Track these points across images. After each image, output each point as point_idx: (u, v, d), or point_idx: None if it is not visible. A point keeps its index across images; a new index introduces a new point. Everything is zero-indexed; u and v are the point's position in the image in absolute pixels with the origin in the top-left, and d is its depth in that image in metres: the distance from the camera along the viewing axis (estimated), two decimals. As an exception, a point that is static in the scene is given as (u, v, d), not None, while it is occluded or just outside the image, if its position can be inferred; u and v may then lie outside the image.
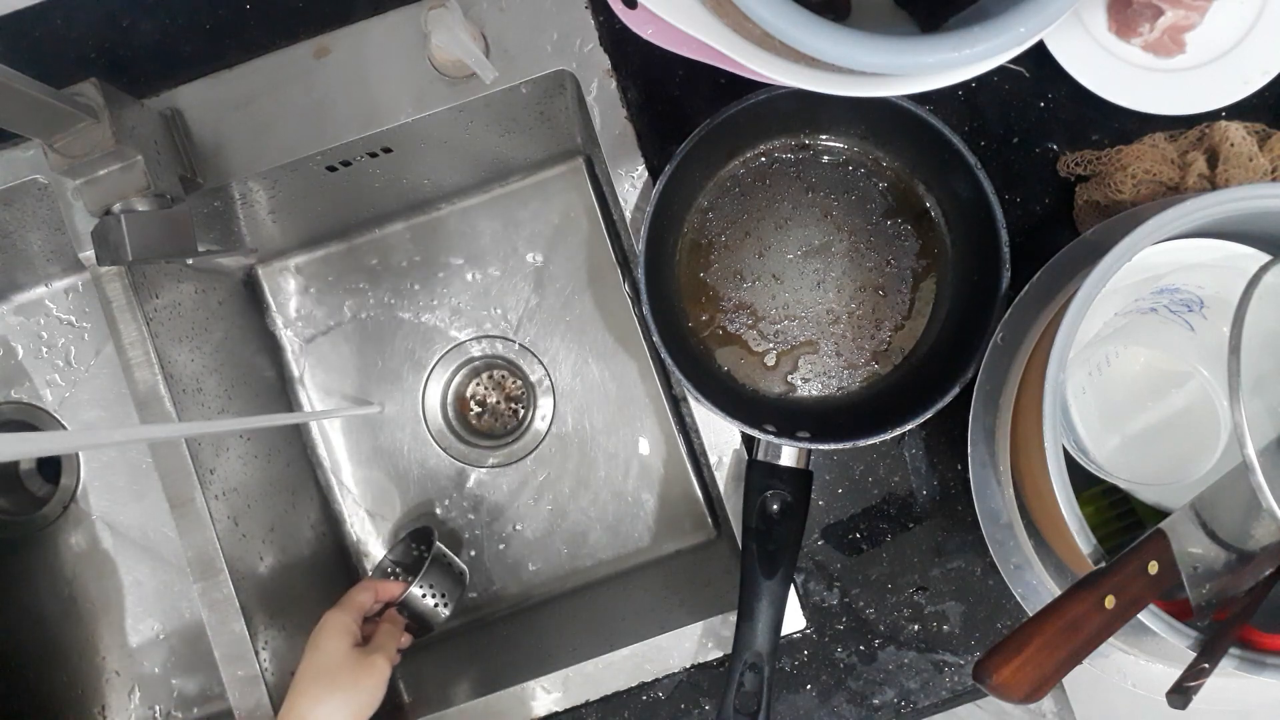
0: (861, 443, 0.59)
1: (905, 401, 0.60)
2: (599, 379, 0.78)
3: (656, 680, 0.64)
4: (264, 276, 0.79)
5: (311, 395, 0.79)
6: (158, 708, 0.77)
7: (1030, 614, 0.48)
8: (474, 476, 0.79)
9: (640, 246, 0.60)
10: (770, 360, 0.66)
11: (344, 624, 0.58)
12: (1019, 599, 0.57)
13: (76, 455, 0.79)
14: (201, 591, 0.62)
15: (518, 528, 0.78)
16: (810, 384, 0.66)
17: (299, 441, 0.78)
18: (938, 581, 0.65)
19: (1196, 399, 0.54)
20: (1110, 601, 0.44)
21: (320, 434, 0.79)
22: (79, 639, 0.78)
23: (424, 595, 0.65)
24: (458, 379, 0.80)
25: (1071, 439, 0.55)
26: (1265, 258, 0.51)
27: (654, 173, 0.64)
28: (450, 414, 0.79)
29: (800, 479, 0.61)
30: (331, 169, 0.67)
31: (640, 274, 0.60)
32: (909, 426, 0.58)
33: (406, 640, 0.64)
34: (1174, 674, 0.45)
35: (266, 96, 0.64)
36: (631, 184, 0.64)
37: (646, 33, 0.47)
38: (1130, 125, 0.63)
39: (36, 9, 0.67)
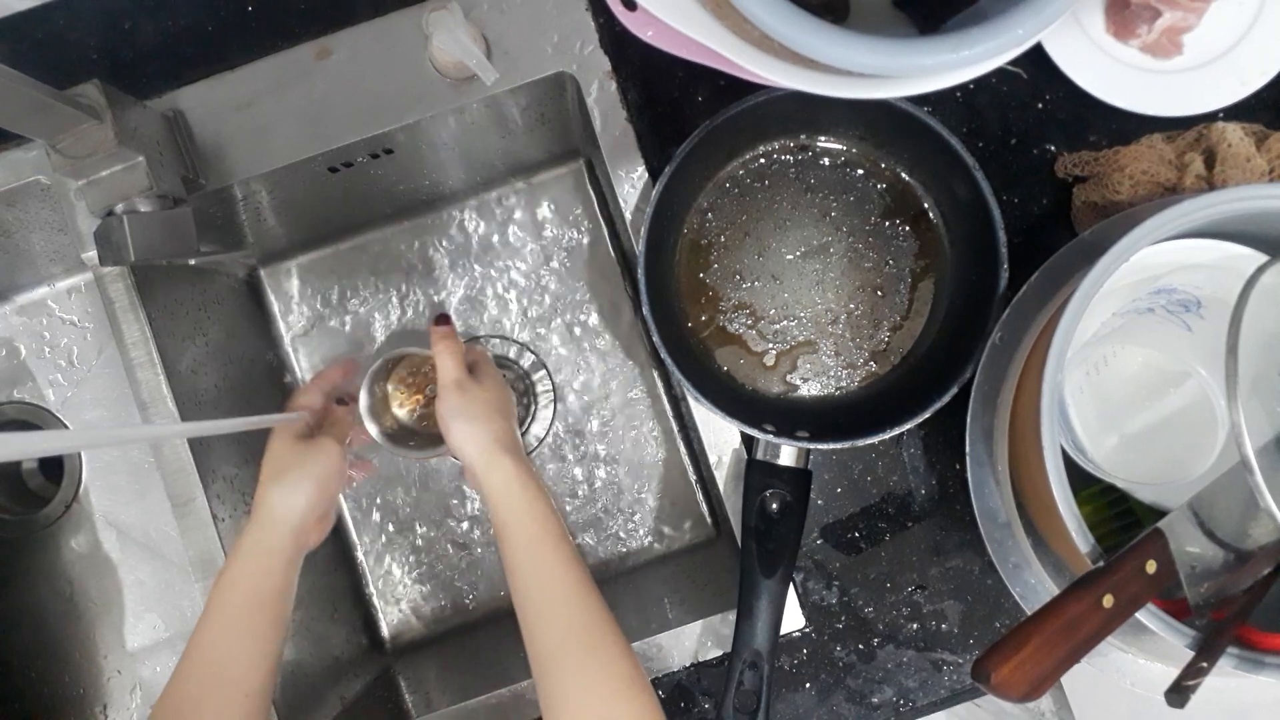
0: (860, 442, 0.60)
1: (904, 401, 0.60)
2: (599, 379, 0.79)
3: (657, 679, 0.64)
4: (266, 277, 0.79)
5: (313, 395, 0.79)
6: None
7: (1029, 613, 0.48)
8: (474, 476, 0.79)
9: (640, 247, 0.60)
10: (769, 360, 0.66)
11: (282, 431, 0.59)
12: (1017, 598, 0.57)
13: (79, 455, 0.79)
14: (204, 591, 0.63)
15: (518, 527, 0.78)
16: (809, 384, 0.66)
17: (300, 441, 0.78)
18: (936, 580, 0.65)
19: (1194, 399, 0.55)
20: (1109, 600, 0.44)
21: (321, 434, 0.79)
22: (80, 638, 0.78)
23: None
24: (458, 379, 0.80)
25: (1069, 438, 0.55)
26: (1262, 258, 0.51)
27: (654, 174, 0.64)
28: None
29: (799, 478, 0.61)
30: (333, 170, 0.67)
31: (640, 274, 0.60)
32: (907, 426, 0.58)
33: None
34: (1172, 673, 0.46)
35: (268, 98, 0.64)
36: (631, 185, 0.65)
37: (646, 35, 0.47)
38: (1128, 126, 0.64)
39: (39, 11, 0.67)
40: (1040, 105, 0.65)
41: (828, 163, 0.66)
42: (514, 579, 0.54)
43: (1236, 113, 0.63)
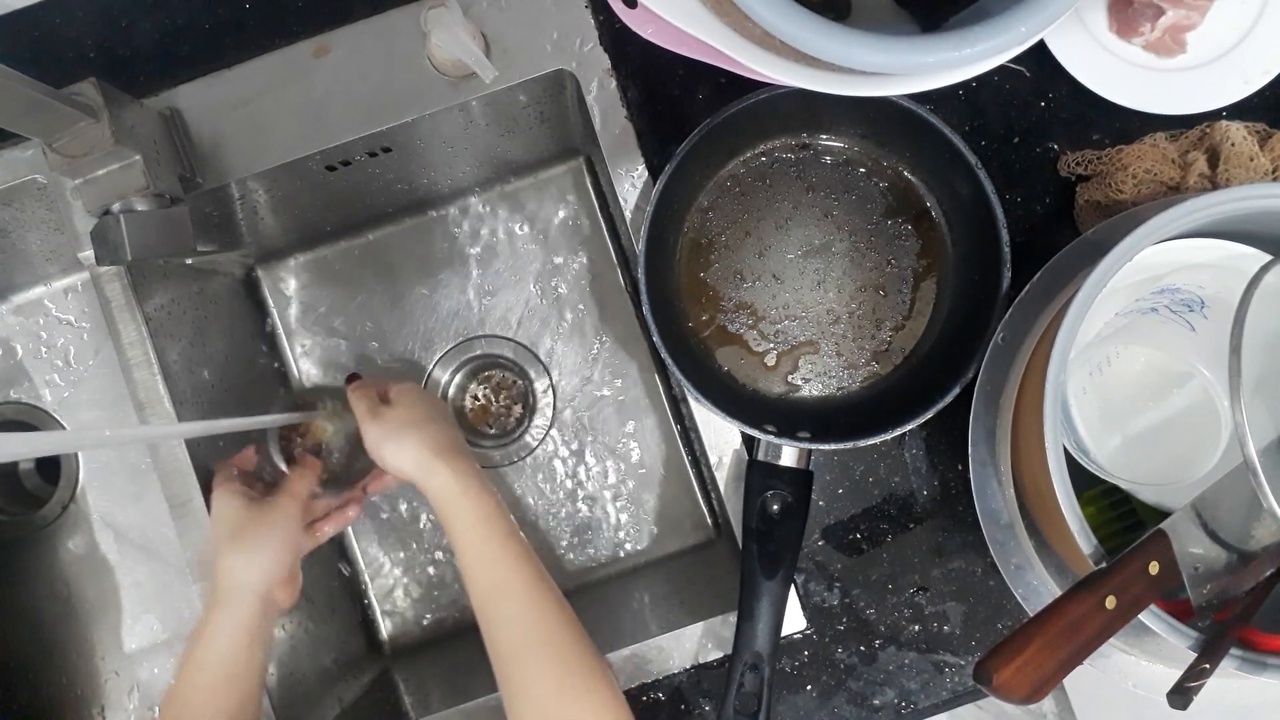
0: (862, 443, 0.59)
1: (906, 401, 0.60)
2: (599, 379, 0.78)
3: (657, 681, 0.64)
4: (263, 276, 0.79)
5: (311, 395, 0.79)
6: (157, 709, 0.77)
7: (1031, 614, 0.48)
8: (474, 477, 0.78)
9: (640, 246, 0.60)
10: (770, 360, 0.66)
11: (226, 490, 0.59)
12: (1020, 599, 0.57)
13: (75, 455, 0.79)
14: (202, 592, 0.62)
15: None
16: (811, 384, 0.66)
17: (298, 442, 0.78)
18: (938, 582, 0.65)
19: (1197, 399, 0.54)
20: (1111, 602, 0.44)
21: (320, 434, 0.79)
22: (78, 640, 0.78)
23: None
24: (458, 379, 0.79)
25: (1072, 439, 0.55)
26: (1266, 258, 0.51)
27: (654, 172, 0.64)
28: (450, 413, 0.79)
29: (800, 479, 0.60)
30: (331, 169, 0.67)
31: (640, 274, 0.60)
32: (909, 427, 0.58)
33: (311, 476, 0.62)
34: (1175, 675, 0.45)
35: (266, 96, 0.64)
36: (632, 184, 0.64)
37: (646, 32, 0.47)
38: (1131, 125, 0.63)
39: (36, 8, 0.67)
40: (1043, 103, 0.65)
41: (829, 161, 0.66)
42: (467, 581, 0.55)
43: (1240, 111, 0.62)
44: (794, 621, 0.63)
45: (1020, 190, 0.65)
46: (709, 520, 0.78)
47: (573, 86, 0.65)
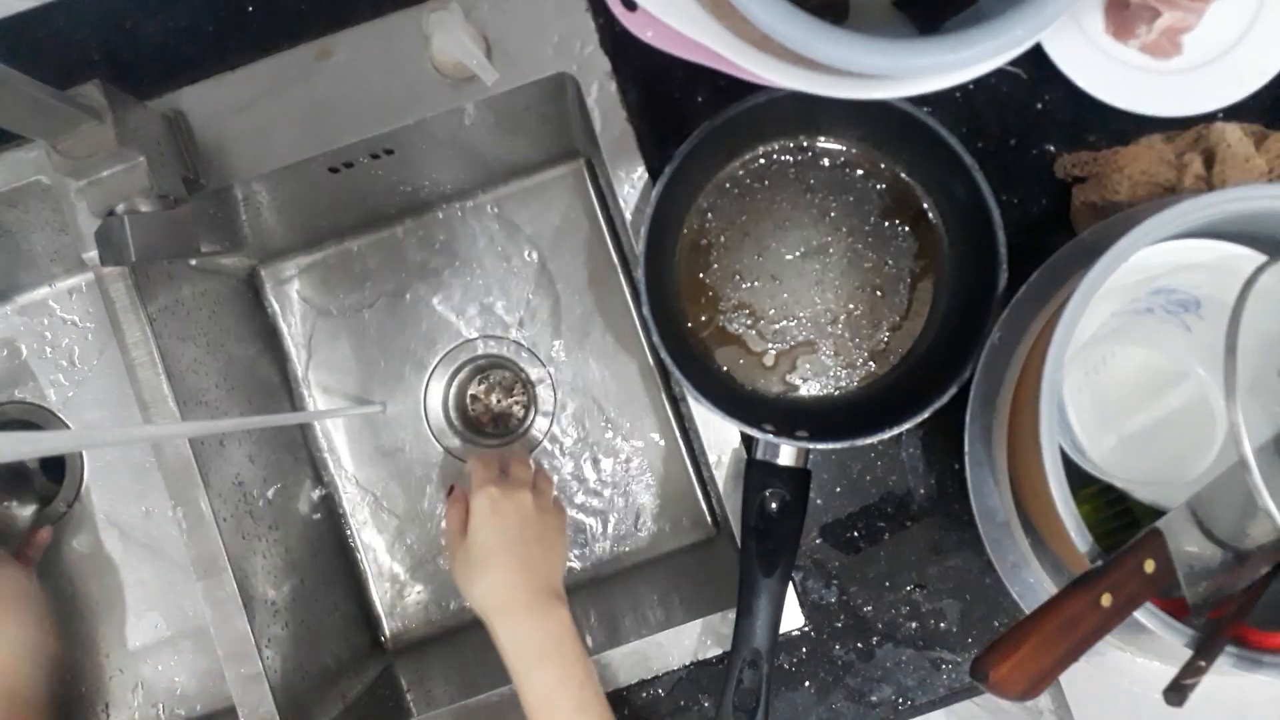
0: (859, 442, 0.60)
1: (903, 401, 0.60)
2: (599, 379, 0.79)
3: (656, 677, 0.64)
4: (266, 277, 0.79)
5: (314, 395, 0.79)
6: (161, 706, 0.78)
7: (1027, 612, 0.49)
8: (475, 476, 0.79)
9: (640, 247, 0.60)
10: (769, 360, 0.66)
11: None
12: (1016, 597, 0.57)
13: (80, 455, 0.79)
14: (205, 590, 0.63)
15: (518, 527, 0.78)
16: (809, 384, 0.66)
17: (302, 441, 0.78)
18: (935, 580, 0.65)
19: (1193, 399, 0.55)
20: (1107, 600, 0.44)
21: (323, 433, 0.79)
22: (82, 637, 0.78)
23: None
24: (459, 379, 0.80)
25: (1068, 438, 0.55)
26: (1261, 258, 0.51)
27: (654, 174, 0.64)
28: (452, 413, 0.80)
29: (799, 478, 0.61)
30: (333, 170, 0.67)
31: (640, 274, 0.60)
32: (907, 426, 0.58)
33: None
34: (1170, 672, 0.46)
35: (269, 98, 0.64)
36: (631, 185, 0.65)
37: (646, 35, 0.47)
38: (1127, 126, 0.64)
39: (40, 10, 0.68)
40: (1039, 105, 0.65)
41: (827, 163, 0.66)
42: None
43: (1236, 113, 0.63)
44: (792, 618, 0.64)
45: (1017, 192, 0.65)
46: (708, 518, 0.78)
47: (573, 89, 0.65)
